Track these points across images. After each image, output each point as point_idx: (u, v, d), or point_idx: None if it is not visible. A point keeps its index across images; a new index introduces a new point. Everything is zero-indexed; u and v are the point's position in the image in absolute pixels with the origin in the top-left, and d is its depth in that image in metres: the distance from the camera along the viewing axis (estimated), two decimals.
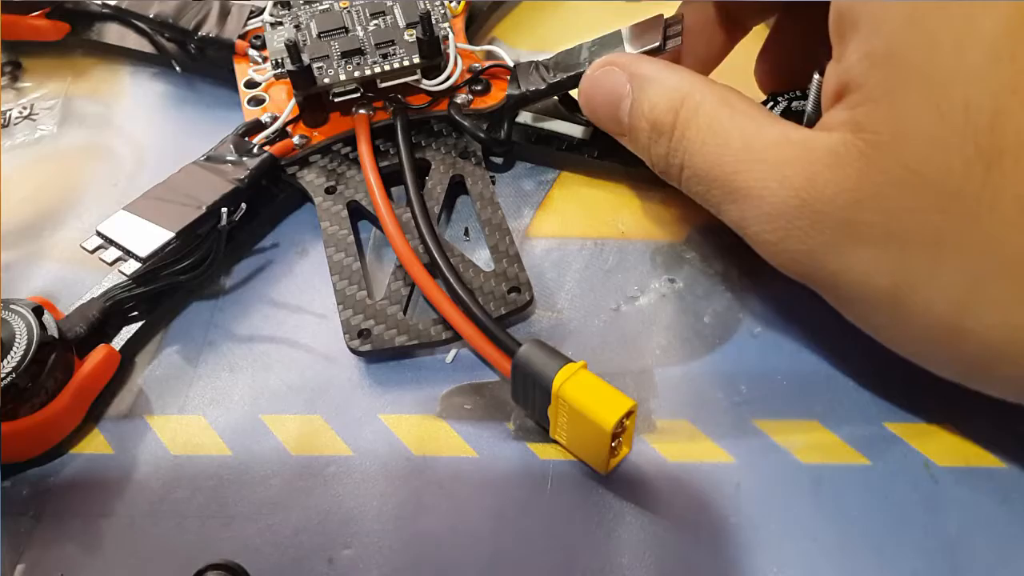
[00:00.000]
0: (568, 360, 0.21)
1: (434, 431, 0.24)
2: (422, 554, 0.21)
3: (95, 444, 0.24)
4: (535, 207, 0.29)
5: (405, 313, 0.25)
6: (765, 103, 0.26)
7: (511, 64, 0.29)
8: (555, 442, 0.23)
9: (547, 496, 0.22)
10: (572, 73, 0.27)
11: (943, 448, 0.22)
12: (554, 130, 0.29)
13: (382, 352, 0.25)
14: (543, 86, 0.28)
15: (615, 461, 0.22)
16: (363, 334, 0.25)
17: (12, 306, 0.23)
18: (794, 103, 0.26)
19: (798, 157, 0.20)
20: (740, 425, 0.23)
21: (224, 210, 0.25)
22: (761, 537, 0.21)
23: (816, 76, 0.23)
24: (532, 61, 0.28)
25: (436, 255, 0.25)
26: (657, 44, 0.26)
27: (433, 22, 0.28)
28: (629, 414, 0.20)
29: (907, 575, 0.20)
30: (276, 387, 0.25)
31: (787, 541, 0.21)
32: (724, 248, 0.27)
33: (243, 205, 0.26)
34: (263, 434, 0.24)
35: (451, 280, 0.24)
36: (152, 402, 0.25)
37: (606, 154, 0.29)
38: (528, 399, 0.22)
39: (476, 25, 0.34)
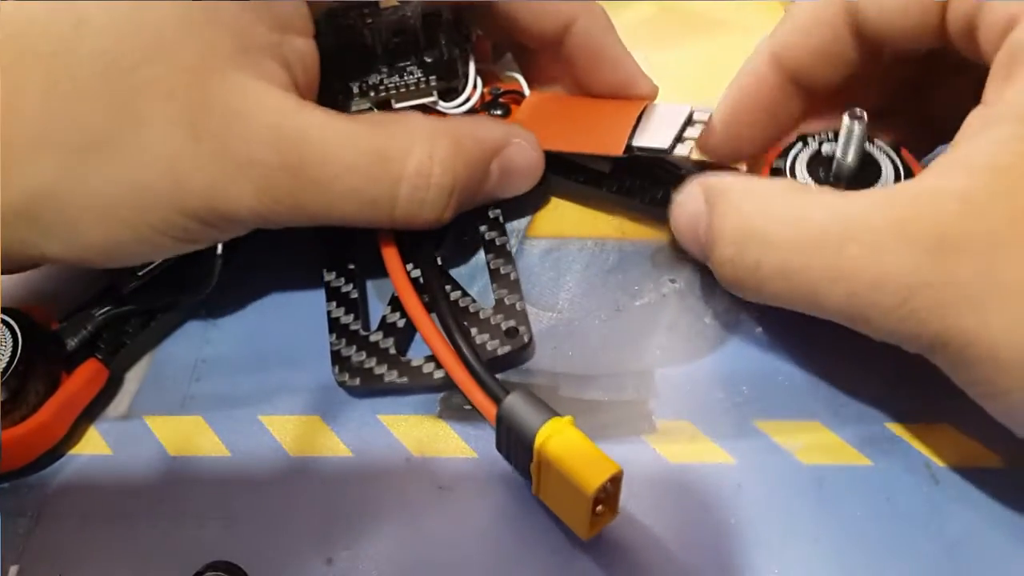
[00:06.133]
0: (554, 414, 0.20)
1: (434, 431, 0.24)
2: (421, 555, 0.21)
3: (94, 445, 0.24)
4: (535, 207, 0.29)
5: (398, 350, 0.24)
6: (792, 145, 0.25)
7: (527, 92, 0.29)
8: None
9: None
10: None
11: (945, 448, 0.22)
12: (579, 161, 0.28)
13: (371, 389, 0.24)
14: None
15: (598, 527, 0.20)
16: (353, 369, 0.24)
17: (0, 316, 0.23)
18: (824, 145, 0.25)
19: (922, 209, 0.18)
20: (741, 426, 0.23)
21: None
22: (762, 538, 0.21)
23: (846, 119, 0.23)
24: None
25: (434, 291, 0.24)
26: (665, 147, 0.25)
27: (451, 44, 0.27)
28: (614, 479, 0.19)
29: None
30: (274, 387, 0.25)
31: (788, 542, 0.21)
32: None
33: None
34: (261, 434, 0.24)
35: (446, 318, 0.24)
36: (150, 403, 0.25)
37: (628, 192, 0.28)
38: (512, 452, 0.21)
39: (503, 47, 0.33)
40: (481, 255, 0.27)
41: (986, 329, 0.18)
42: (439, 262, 0.26)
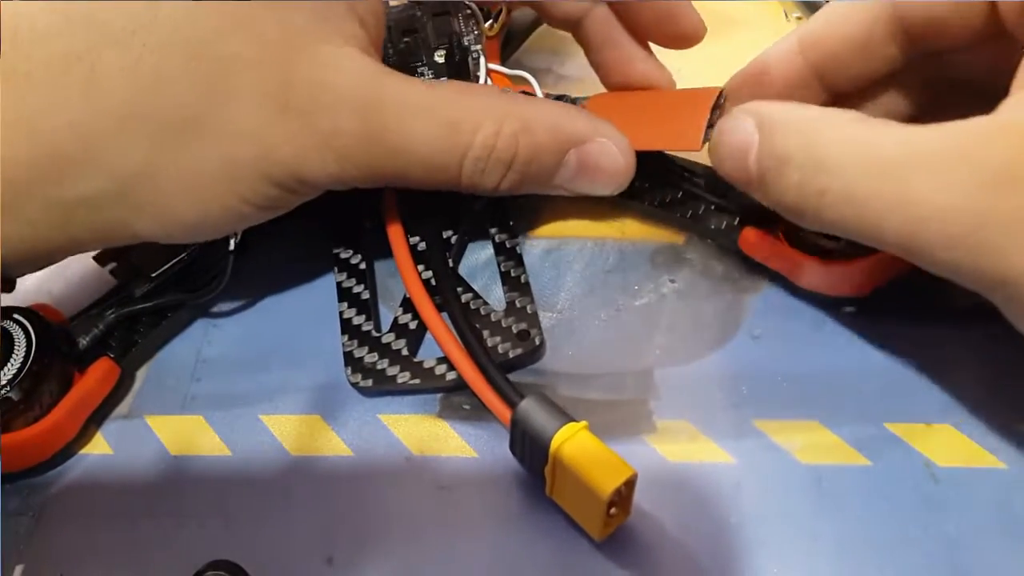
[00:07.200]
0: (570, 419, 0.20)
1: (434, 431, 0.24)
2: (421, 554, 0.21)
3: (95, 445, 0.24)
4: (536, 207, 0.29)
5: (410, 351, 0.25)
6: None
7: (540, 94, 0.29)
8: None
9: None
10: None
11: (943, 448, 0.22)
12: None
13: (383, 390, 0.24)
14: None
15: (611, 528, 0.21)
16: (365, 370, 0.24)
17: (14, 315, 0.23)
18: None
19: (991, 141, 0.18)
20: (740, 425, 0.23)
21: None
22: (761, 537, 0.21)
23: None
24: None
25: (447, 293, 0.24)
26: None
27: (463, 43, 0.27)
28: (628, 483, 0.20)
29: (907, 575, 0.20)
30: (275, 387, 0.25)
31: (787, 541, 0.21)
32: (724, 249, 0.27)
33: None
34: (262, 434, 0.24)
35: (459, 321, 0.24)
36: (152, 402, 0.25)
37: (637, 195, 0.28)
38: (526, 454, 0.21)
39: (511, 47, 0.33)
40: (481, 253, 0.27)
41: None
42: (451, 264, 0.26)
